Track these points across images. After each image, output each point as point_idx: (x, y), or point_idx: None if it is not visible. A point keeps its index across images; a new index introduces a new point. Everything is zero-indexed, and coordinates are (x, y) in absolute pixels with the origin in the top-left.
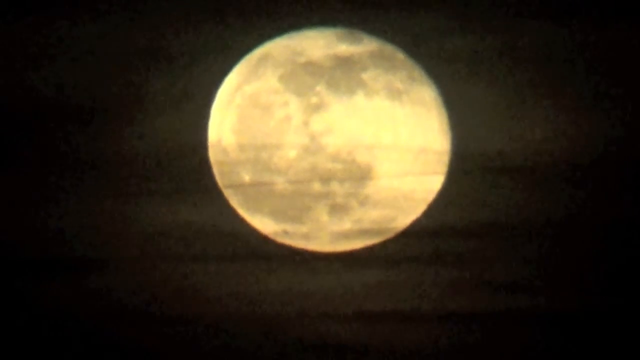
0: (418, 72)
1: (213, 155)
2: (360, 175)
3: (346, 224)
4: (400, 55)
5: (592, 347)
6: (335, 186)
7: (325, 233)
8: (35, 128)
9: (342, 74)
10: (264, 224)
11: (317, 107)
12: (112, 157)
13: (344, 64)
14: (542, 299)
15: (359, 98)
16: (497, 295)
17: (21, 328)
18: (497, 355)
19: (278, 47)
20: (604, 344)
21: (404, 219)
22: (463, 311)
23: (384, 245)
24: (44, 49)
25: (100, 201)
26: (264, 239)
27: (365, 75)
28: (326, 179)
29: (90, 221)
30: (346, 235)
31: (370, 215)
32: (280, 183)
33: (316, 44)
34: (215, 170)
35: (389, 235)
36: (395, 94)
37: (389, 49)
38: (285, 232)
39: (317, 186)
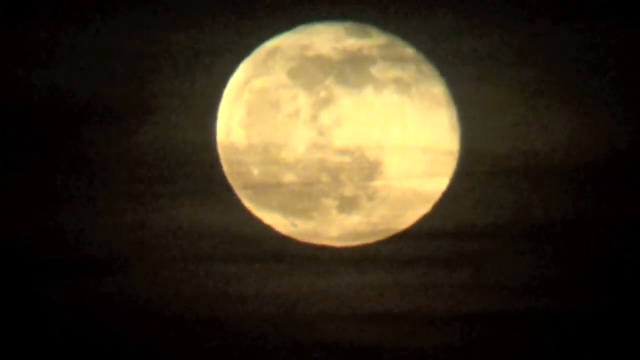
0: (427, 67)
1: (222, 150)
2: (369, 171)
3: (355, 219)
4: (409, 50)
5: (598, 347)
6: (343, 180)
7: (334, 228)
8: (41, 130)
9: (351, 68)
10: (272, 218)
11: (326, 101)
12: (120, 158)
13: (353, 58)
14: (551, 300)
15: (368, 92)
16: (503, 296)
17: (32, 330)
18: (504, 356)
19: (287, 41)
20: (610, 344)
21: (412, 216)
22: (469, 312)
23: (389, 244)
24: (50, 51)
25: (109, 203)
26: (274, 237)
27: (374, 70)
28: (335, 173)
29: (100, 223)
30: (355, 230)
31: (379, 211)
32: (290, 181)
33: (325, 37)
34: (224, 166)
35: (397, 231)
36: (404, 88)
37: (398, 43)
38: (294, 225)
39: (325, 180)
